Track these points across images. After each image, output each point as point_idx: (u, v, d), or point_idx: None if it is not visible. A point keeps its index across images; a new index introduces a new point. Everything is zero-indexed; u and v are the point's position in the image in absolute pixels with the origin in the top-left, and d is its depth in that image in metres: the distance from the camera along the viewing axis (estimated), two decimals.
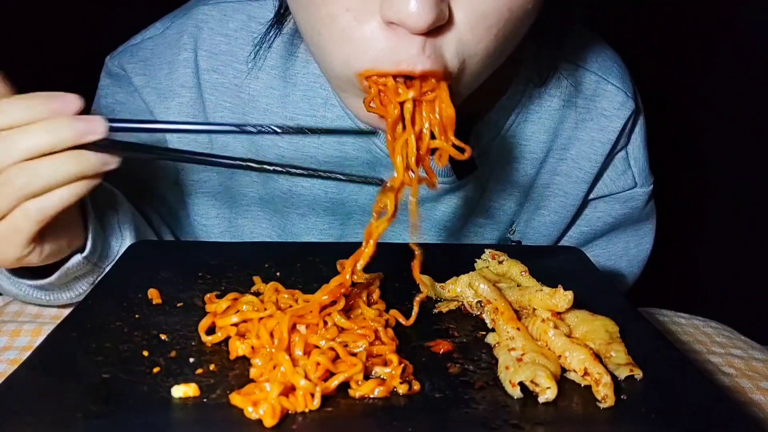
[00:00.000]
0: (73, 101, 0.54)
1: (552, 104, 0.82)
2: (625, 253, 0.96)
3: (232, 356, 0.50)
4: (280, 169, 0.57)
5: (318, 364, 0.47)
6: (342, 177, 0.58)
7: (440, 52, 0.54)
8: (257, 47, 0.75)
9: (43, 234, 0.57)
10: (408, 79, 0.55)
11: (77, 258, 0.65)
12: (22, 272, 0.65)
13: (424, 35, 0.52)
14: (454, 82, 0.57)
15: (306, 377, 0.45)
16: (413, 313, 0.56)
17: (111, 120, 0.55)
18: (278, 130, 0.56)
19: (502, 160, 0.83)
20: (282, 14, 0.72)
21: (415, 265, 0.56)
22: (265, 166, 0.57)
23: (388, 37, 0.53)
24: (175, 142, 0.80)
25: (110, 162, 0.56)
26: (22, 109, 0.53)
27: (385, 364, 0.49)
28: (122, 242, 0.72)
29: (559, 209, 0.88)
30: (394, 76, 0.54)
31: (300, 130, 0.57)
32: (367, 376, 0.48)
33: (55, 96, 0.53)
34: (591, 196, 0.90)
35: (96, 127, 0.54)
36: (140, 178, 0.82)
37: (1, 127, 0.53)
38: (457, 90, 0.59)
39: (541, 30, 0.64)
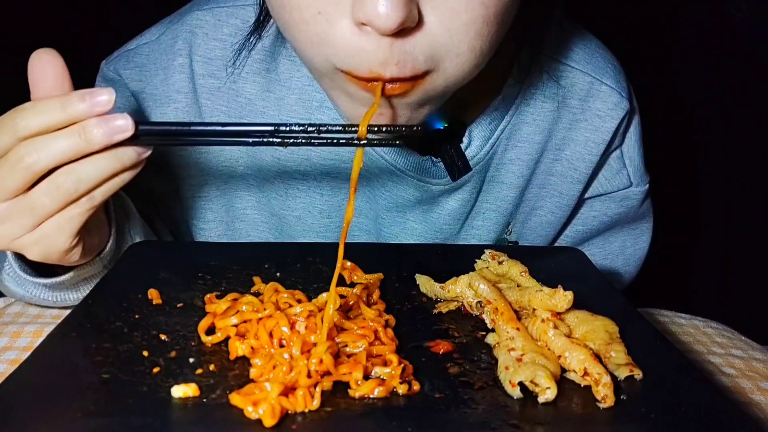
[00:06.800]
0: (106, 97, 0.54)
1: (546, 105, 0.82)
2: (622, 252, 0.96)
3: (232, 356, 0.50)
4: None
5: (321, 361, 0.47)
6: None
7: (412, 56, 0.54)
8: (237, 53, 0.76)
9: (85, 228, 0.59)
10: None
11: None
12: (33, 271, 0.66)
13: (395, 36, 0.53)
14: (437, 78, 0.57)
15: (308, 375, 0.46)
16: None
17: (137, 121, 0.56)
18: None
19: (497, 161, 0.83)
20: (262, 20, 0.72)
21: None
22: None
23: (359, 38, 0.53)
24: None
25: (145, 151, 0.58)
26: (57, 109, 0.54)
27: (385, 364, 0.49)
28: None
29: (554, 209, 0.88)
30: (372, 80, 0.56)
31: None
32: (367, 376, 0.48)
33: (90, 93, 0.54)
34: (586, 195, 0.90)
35: (124, 128, 0.55)
36: (141, 184, 0.82)
37: (38, 130, 0.54)
38: (444, 86, 0.59)
39: (524, 25, 0.64)
